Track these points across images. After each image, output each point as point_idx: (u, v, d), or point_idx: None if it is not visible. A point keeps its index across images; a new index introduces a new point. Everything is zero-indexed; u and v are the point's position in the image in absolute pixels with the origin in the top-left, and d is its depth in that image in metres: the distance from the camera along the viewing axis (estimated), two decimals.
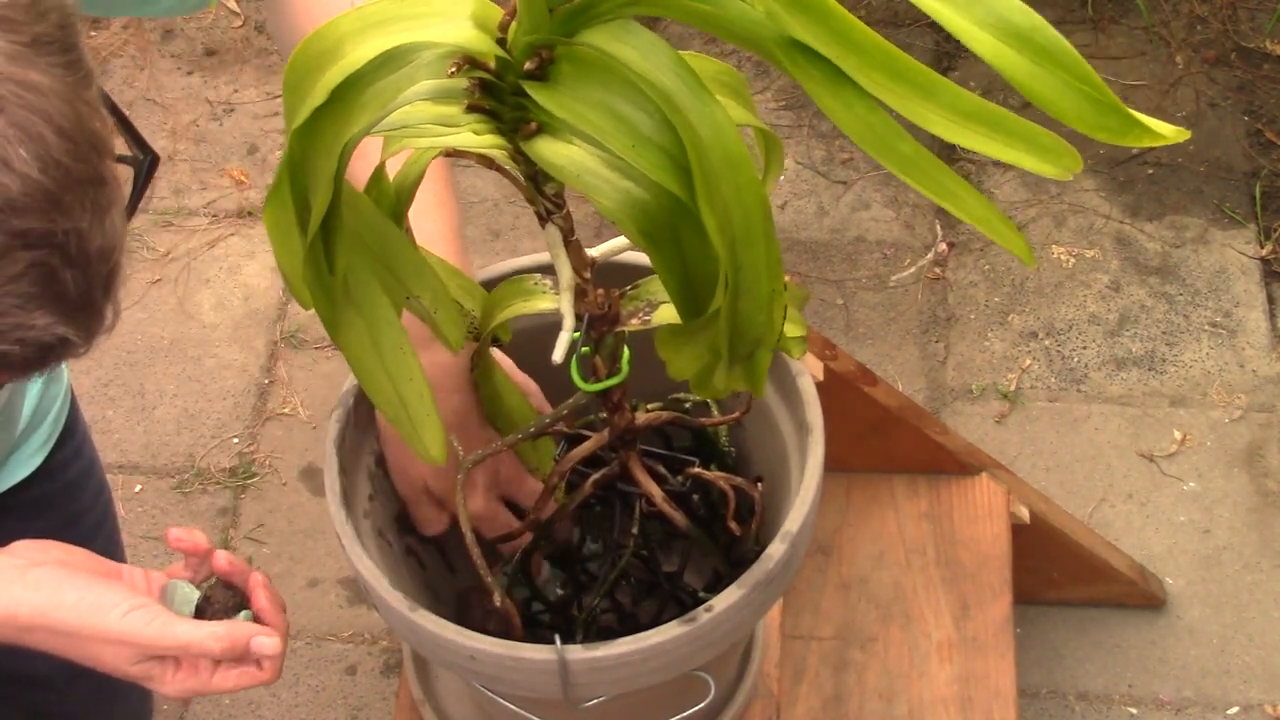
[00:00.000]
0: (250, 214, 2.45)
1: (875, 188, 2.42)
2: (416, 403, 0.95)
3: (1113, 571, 1.88)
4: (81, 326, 0.72)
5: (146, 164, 0.84)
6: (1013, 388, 2.18)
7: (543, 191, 0.86)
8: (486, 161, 0.87)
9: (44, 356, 0.72)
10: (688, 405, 1.14)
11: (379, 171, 0.92)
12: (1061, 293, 2.28)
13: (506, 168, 0.86)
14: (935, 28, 2.61)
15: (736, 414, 1.11)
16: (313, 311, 0.89)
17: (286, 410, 2.22)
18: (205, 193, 2.48)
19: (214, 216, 2.45)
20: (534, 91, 0.75)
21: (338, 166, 0.76)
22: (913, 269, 2.33)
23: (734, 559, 1.12)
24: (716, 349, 0.83)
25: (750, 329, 0.81)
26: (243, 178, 2.50)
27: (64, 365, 1.29)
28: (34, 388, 1.23)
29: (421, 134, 0.82)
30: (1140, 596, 1.94)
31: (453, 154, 0.86)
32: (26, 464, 1.25)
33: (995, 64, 0.70)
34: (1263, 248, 2.30)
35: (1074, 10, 2.59)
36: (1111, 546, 1.90)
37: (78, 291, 0.71)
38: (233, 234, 2.43)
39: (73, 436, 1.32)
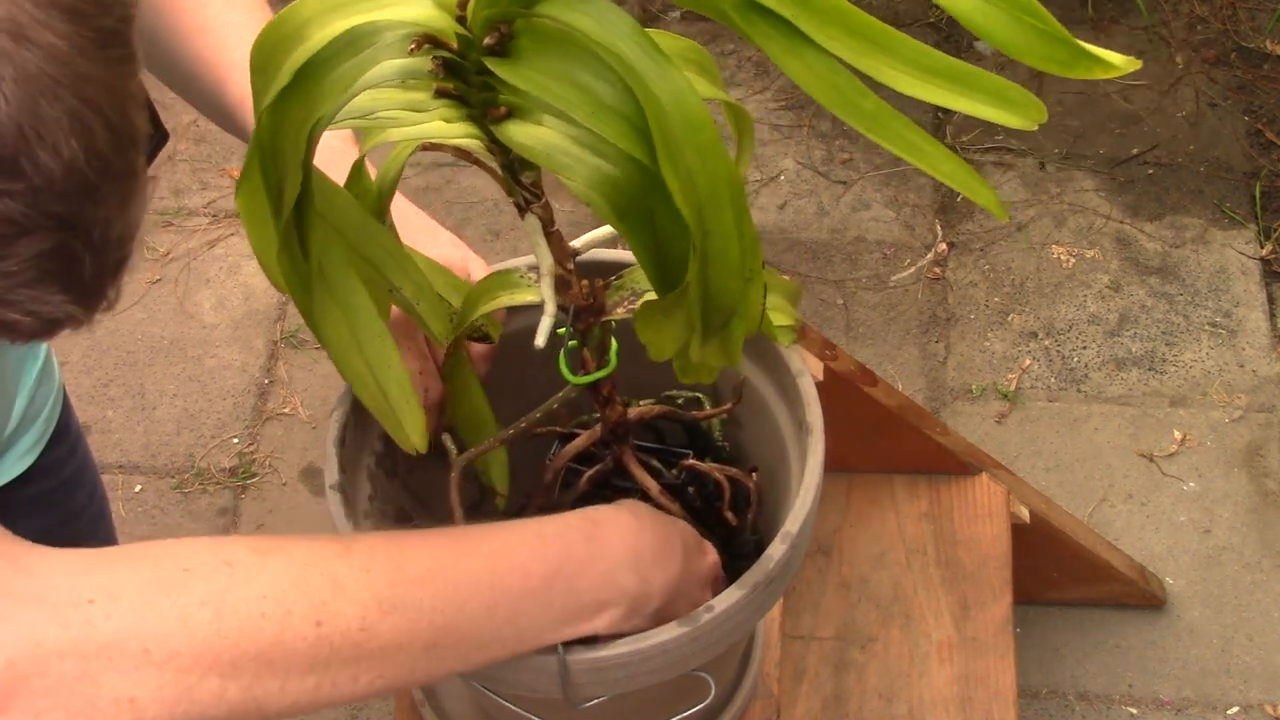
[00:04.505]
0: None
1: (875, 188, 2.42)
2: (396, 390, 0.95)
3: (1113, 571, 1.88)
4: (87, 306, 0.75)
5: (155, 140, 0.87)
6: (1013, 388, 2.18)
7: (520, 181, 0.86)
8: (464, 155, 0.87)
9: (50, 329, 0.74)
10: (680, 401, 1.14)
11: (359, 167, 0.92)
12: (1061, 293, 2.28)
13: (484, 160, 0.87)
14: (936, 27, 2.61)
15: (728, 405, 1.10)
16: None
17: (286, 410, 2.22)
18: (205, 193, 2.48)
19: (214, 216, 2.45)
20: (496, 67, 0.76)
21: (306, 150, 0.77)
22: (913, 269, 2.33)
23: (732, 551, 1.12)
24: (692, 322, 0.83)
25: (722, 297, 0.80)
26: None
27: (56, 365, 1.29)
28: (25, 387, 1.23)
29: (392, 122, 0.82)
30: (1140, 596, 1.94)
31: (431, 148, 0.86)
32: (18, 463, 1.26)
33: (943, 1, 0.71)
34: (1263, 248, 2.30)
35: (1074, 10, 2.59)
36: (1111, 546, 1.90)
37: (91, 275, 0.73)
38: (233, 234, 2.43)
39: (65, 436, 1.32)
